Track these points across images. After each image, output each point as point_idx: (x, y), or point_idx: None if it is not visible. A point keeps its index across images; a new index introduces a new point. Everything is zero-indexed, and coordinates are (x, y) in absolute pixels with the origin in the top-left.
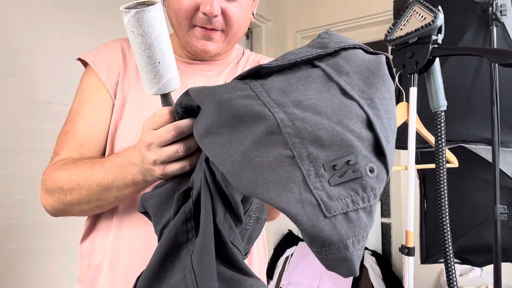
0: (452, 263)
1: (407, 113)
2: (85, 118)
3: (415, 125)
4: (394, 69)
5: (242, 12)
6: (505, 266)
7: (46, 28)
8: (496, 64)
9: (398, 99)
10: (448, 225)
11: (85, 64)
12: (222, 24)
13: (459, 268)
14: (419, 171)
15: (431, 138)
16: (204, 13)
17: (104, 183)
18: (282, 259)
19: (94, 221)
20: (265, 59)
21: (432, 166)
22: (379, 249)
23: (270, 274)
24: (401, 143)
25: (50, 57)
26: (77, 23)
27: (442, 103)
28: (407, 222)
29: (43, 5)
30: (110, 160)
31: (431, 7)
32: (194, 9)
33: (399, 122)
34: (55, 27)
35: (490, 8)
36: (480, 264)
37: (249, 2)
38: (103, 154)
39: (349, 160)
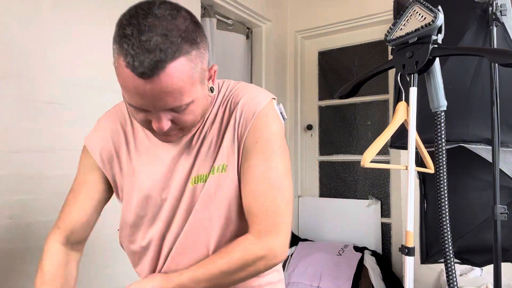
0: (452, 263)
1: (407, 113)
2: (78, 202)
3: (415, 125)
4: (394, 69)
5: (196, 113)
6: (505, 266)
7: (46, 28)
8: (496, 64)
9: (398, 99)
10: (448, 225)
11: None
12: (175, 129)
13: (459, 268)
14: (419, 171)
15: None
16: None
17: None
18: None
19: None
20: (248, 105)
21: (430, 171)
22: (379, 249)
23: None
24: (401, 143)
25: (50, 57)
26: (77, 23)
27: (442, 103)
28: (407, 222)
29: (43, 5)
30: None
31: (431, 7)
32: (147, 122)
33: (398, 122)
34: (55, 27)
35: (490, 8)
36: (480, 264)
37: (202, 101)
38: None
39: None
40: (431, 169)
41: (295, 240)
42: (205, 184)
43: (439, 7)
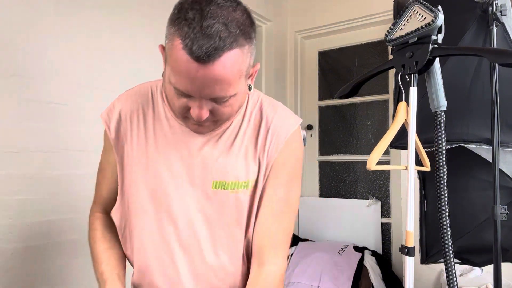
0: (452, 263)
1: (407, 113)
2: (106, 180)
3: (415, 125)
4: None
5: (234, 108)
6: (505, 266)
7: (46, 28)
8: (496, 64)
9: (398, 99)
10: (448, 225)
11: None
12: (212, 119)
13: (459, 268)
14: (419, 171)
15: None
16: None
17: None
18: None
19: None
20: (266, 105)
21: (427, 169)
22: (379, 249)
23: None
24: (401, 143)
25: (50, 57)
26: (77, 23)
27: (442, 103)
28: (407, 222)
29: (43, 5)
30: (100, 271)
31: (431, 7)
32: (186, 108)
33: (399, 123)
34: (55, 27)
35: (490, 8)
36: (480, 264)
37: (241, 96)
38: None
39: None
40: (427, 167)
41: (295, 240)
42: (224, 191)
43: (439, 7)
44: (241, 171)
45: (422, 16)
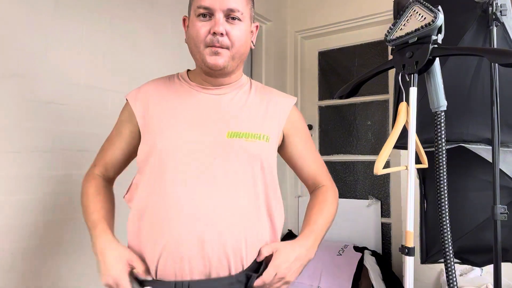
0: (452, 263)
1: (407, 113)
2: (113, 147)
3: (415, 125)
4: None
5: (242, 33)
6: (505, 266)
7: (46, 28)
8: (496, 64)
9: (398, 99)
10: (448, 225)
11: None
12: (227, 42)
13: (459, 268)
14: (419, 171)
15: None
16: (214, 33)
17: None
18: None
19: None
20: (266, 89)
21: (424, 166)
22: (379, 249)
23: None
24: (401, 143)
25: (50, 57)
26: (77, 23)
27: (442, 103)
28: (407, 222)
29: (43, 5)
30: (91, 221)
31: (431, 7)
32: (207, 32)
33: (402, 124)
34: (55, 27)
35: (490, 8)
36: (480, 264)
37: (247, 28)
38: (120, 169)
39: None
40: (425, 164)
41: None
42: (239, 139)
43: (439, 7)
44: (254, 124)
45: (422, 16)
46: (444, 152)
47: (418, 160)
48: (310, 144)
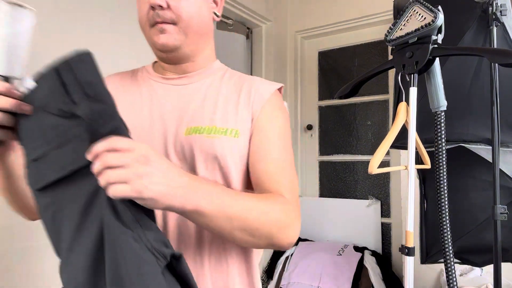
0: (452, 263)
1: (407, 113)
2: None
3: (415, 125)
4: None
5: (190, 3)
6: (505, 266)
7: (46, 28)
8: (496, 64)
9: (398, 99)
10: (448, 225)
11: None
12: (171, 16)
13: (459, 268)
14: (419, 171)
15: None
16: (152, 7)
17: None
18: (282, 259)
19: None
20: (250, 80)
21: (427, 166)
22: (379, 249)
23: (270, 274)
24: (401, 143)
25: (50, 57)
26: (77, 24)
27: (442, 103)
28: (407, 222)
29: (43, 6)
30: None
31: (431, 7)
32: (148, 9)
33: (400, 124)
34: (55, 27)
35: (490, 8)
36: (480, 264)
37: (203, 1)
38: None
39: None
40: (427, 165)
41: None
42: (199, 136)
43: (439, 7)
44: (220, 117)
45: (422, 16)
46: (444, 152)
47: (419, 160)
48: (284, 146)
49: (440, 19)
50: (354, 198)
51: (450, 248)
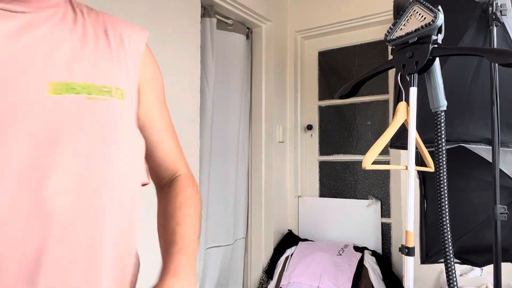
0: (452, 263)
1: (407, 112)
2: None
3: (415, 125)
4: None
5: None
6: (505, 266)
7: None
8: (496, 64)
9: (398, 99)
10: (448, 225)
11: None
12: None
13: (459, 268)
14: (419, 171)
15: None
16: None
17: None
18: (282, 259)
19: None
20: (113, 20)
21: (430, 169)
22: (379, 249)
23: (270, 274)
24: (401, 143)
25: None
26: None
27: (442, 103)
28: (407, 222)
29: None
30: None
31: (431, 7)
32: None
33: (399, 123)
34: None
35: (490, 8)
36: (480, 264)
37: None
38: None
39: None
40: (431, 168)
41: (295, 240)
42: (75, 96)
43: (439, 7)
44: (97, 70)
45: (422, 16)
46: (444, 152)
47: (419, 160)
48: (167, 112)
49: (440, 19)
50: (354, 198)
51: (450, 248)
